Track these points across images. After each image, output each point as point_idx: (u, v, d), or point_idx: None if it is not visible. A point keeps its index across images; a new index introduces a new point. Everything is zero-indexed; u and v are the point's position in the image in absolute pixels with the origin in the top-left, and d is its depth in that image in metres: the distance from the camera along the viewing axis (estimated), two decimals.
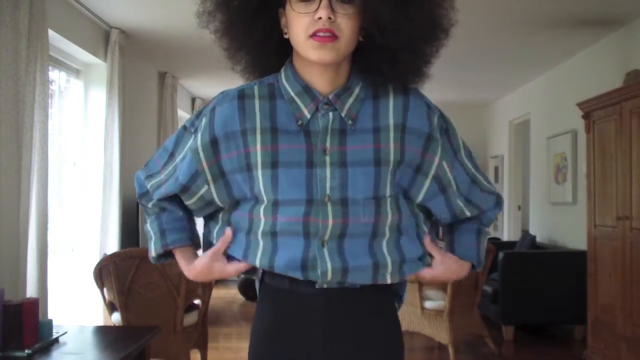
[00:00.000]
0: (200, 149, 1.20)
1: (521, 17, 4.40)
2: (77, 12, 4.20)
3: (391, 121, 1.19)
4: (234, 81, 1.34)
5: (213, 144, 1.19)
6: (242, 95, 1.21)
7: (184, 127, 1.26)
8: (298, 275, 1.17)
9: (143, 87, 5.81)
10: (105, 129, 4.59)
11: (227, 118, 1.19)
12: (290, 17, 1.16)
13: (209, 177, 1.21)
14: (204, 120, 1.21)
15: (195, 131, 1.23)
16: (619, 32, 4.67)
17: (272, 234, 1.18)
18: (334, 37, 1.12)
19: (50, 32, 3.60)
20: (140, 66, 5.70)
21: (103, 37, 4.66)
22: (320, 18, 1.11)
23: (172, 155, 1.27)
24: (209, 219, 1.32)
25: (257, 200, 1.20)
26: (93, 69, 4.68)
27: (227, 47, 1.27)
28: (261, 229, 1.19)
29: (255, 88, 1.22)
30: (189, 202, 1.26)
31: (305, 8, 1.13)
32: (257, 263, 1.20)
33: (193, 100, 7.80)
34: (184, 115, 7.37)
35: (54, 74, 4.31)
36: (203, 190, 1.23)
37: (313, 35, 1.12)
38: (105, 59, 4.65)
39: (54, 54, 4.07)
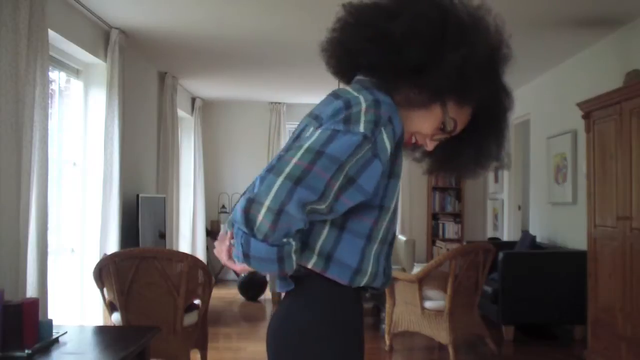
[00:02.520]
0: (387, 160, 1.23)
1: (521, 17, 4.40)
2: (77, 12, 4.20)
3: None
4: (234, 81, 1.36)
5: (391, 155, 1.24)
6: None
7: (365, 136, 1.17)
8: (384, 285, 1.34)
9: (143, 87, 5.81)
10: (105, 129, 4.59)
11: (400, 127, 1.25)
12: (433, 116, 1.32)
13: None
14: (385, 131, 1.21)
15: (375, 142, 1.19)
16: (619, 32, 4.67)
17: (386, 241, 1.31)
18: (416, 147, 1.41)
19: (50, 32, 3.60)
20: (140, 66, 5.70)
21: (103, 37, 4.66)
22: (426, 145, 1.37)
23: (342, 166, 1.14)
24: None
25: (381, 208, 1.27)
26: (93, 69, 4.68)
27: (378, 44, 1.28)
28: (381, 236, 1.28)
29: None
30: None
31: (438, 132, 1.35)
32: (379, 284, 1.31)
33: (193, 100, 7.79)
34: (184, 115, 7.37)
35: (54, 74, 4.31)
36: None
37: (415, 139, 1.37)
38: (105, 59, 4.65)
39: (54, 54, 4.07)
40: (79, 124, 4.62)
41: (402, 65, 1.25)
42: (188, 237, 7.18)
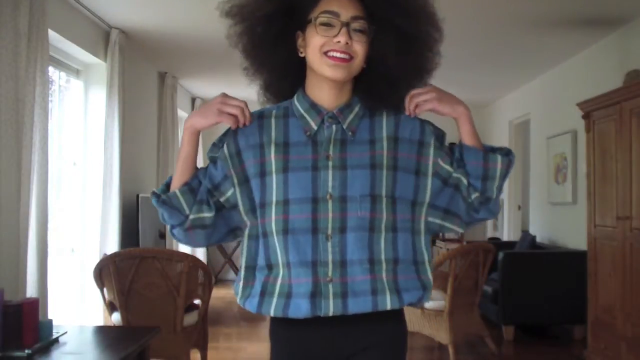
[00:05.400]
0: (228, 157, 1.40)
1: (521, 17, 4.40)
2: (77, 12, 4.20)
3: (384, 134, 1.38)
4: (234, 82, 1.39)
5: (238, 155, 1.39)
6: (261, 116, 1.42)
7: (213, 144, 1.43)
8: (308, 314, 1.31)
9: (143, 87, 5.81)
10: (105, 129, 4.59)
11: (248, 133, 1.40)
12: (310, 36, 1.34)
13: (235, 181, 1.39)
14: (229, 135, 1.41)
15: (222, 144, 1.41)
16: (619, 32, 4.67)
17: (284, 231, 1.33)
18: (348, 59, 1.31)
19: (50, 32, 3.60)
20: (140, 66, 5.70)
21: (103, 37, 4.66)
22: (339, 42, 1.30)
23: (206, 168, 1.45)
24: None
25: (265, 205, 1.36)
26: (93, 69, 4.68)
27: (248, 67, 1.44)
28: (274, 227, 1.34)
29: (273, 110, 1.42)
30: (217, 199, 1.42)
31: (326, 32, 1.32)
32: (272, 312, 1.34)
33: (193, 100, 7.79)
34: (184, 115, 7.37)
35: (54, 74, 4.31)
36: (229, 193, 1.40)
37: (328, 54, 1.31)
38: (105, 59, 4.65)
39: (54, 54, 4.07)
40: (79, 124, 4.62)
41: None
42: None
